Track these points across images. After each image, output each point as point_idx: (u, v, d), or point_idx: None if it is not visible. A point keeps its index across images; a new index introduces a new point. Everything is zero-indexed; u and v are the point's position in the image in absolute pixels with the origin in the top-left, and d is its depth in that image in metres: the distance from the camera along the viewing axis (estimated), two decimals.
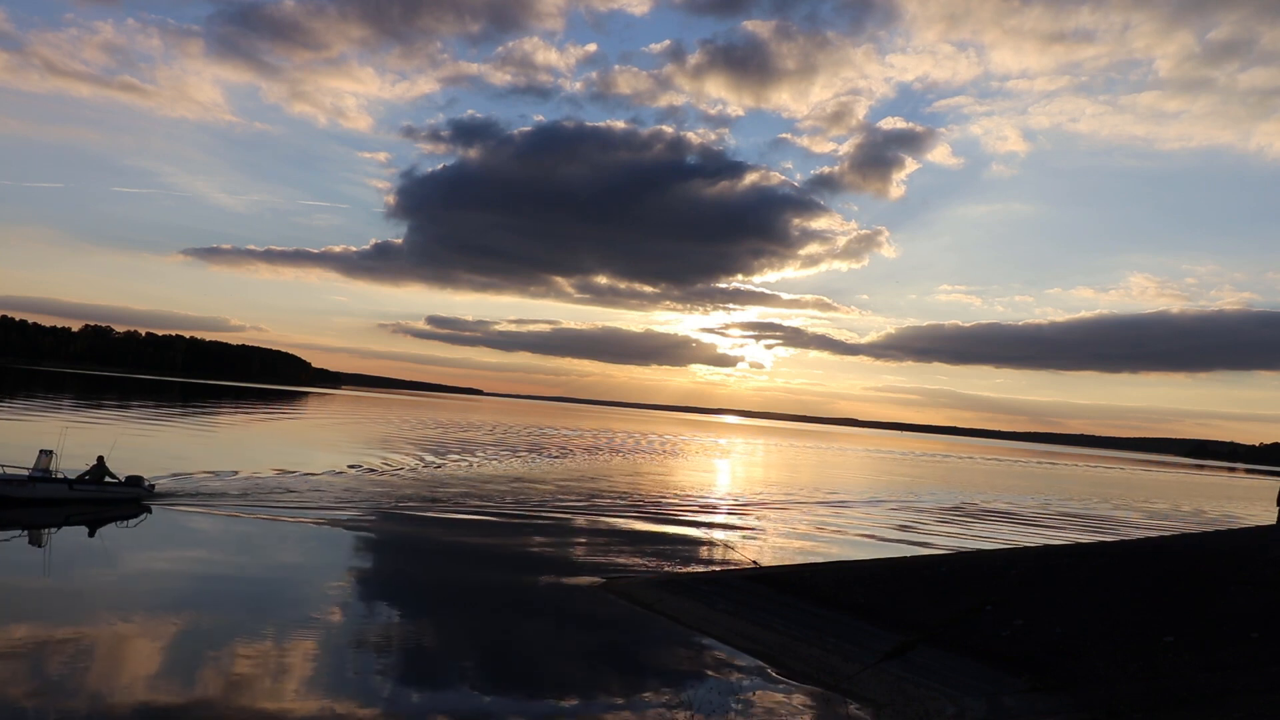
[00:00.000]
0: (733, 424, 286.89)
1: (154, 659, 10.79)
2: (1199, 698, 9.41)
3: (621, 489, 36.26)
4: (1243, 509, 56.99)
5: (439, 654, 12.05)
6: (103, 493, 21.97)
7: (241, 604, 13.80)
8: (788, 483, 48.17)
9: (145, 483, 22.83)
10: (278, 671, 10.57)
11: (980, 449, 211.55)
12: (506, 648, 12.50)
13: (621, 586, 16.67)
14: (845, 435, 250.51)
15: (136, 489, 22.50)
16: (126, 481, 22.52)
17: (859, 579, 16.33)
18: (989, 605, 13.89)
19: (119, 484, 22.38)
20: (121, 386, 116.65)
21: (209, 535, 19.59)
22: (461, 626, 13.64)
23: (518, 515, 25.65)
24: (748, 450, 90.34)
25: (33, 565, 16.03)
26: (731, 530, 26.57)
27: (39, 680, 9.70)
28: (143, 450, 34.68)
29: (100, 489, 21.99)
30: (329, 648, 11.79)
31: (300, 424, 68.88)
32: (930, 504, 40.62)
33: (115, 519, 20.36)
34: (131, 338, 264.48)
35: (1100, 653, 11.34)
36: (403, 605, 14.62)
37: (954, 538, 28.58)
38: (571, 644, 13.00)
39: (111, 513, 20.91)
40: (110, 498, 21.96)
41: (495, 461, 45.17)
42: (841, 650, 12.44)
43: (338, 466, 35.46)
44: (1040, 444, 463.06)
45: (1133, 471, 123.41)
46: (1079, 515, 41.75)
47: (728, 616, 14.40)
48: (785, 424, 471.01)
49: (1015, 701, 10.11)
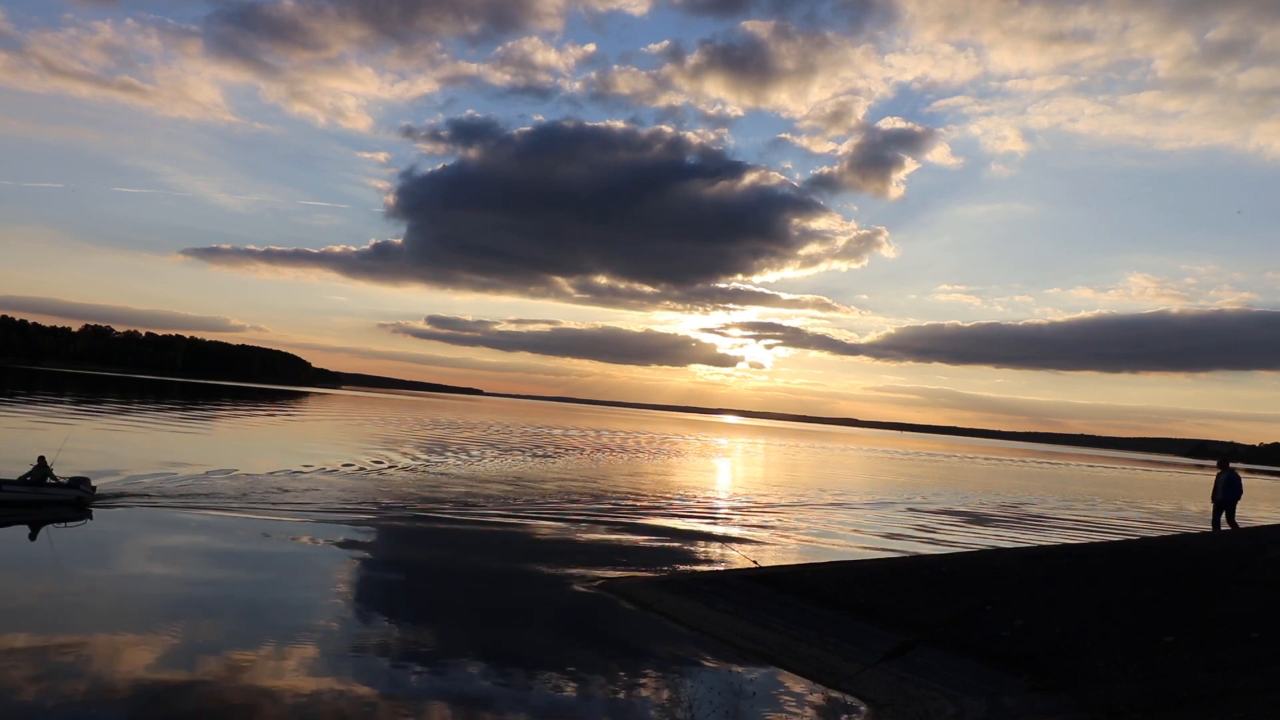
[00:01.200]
0: (733, 424, 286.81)
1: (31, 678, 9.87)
2: (1199, 698, 9.41)
3: (622, 489, 36.26)
4: (1242, 509, 56.93)
5: (436, 652, 12.02)
6: (38, 495, 20.58)
7: (167, 613, 12.89)
8: (788, 483, 48.18)
9: (87, 484, 21.49)
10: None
11: (980, 449, 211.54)
12: (505, 646, 12.49)
13: (621, 586, 16.66)
14: (845, 435, 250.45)
15: (76, 490, 21.09)
16: (69, 483, 21.20)
17: (859, 579, 16.32)
18: (989, 605, 13.89)
19: (59, 486, 21.03)
20: (120, 386, 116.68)
21: (150, 541, 18.52)
22: (458, 625, 13.63)
23: (517, 515, 25.63)
24: (748, 450, 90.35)
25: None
26: (732, 530, 26.57)
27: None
28: (106, 450, 34.56)
29: (35, 491, 20.61)
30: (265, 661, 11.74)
31: (289, 424, 68.88)
32: (931, 504, 40.63)
33: (47, 522, 19.23)
34: (131, 338, 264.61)
35: (1100, 653, 11.34)
36: (392, 608, 14.61)
37: (954, 538, 28.59)
38: (571, 643, 13.00)
39: (42, 516, 19.67)
40: (46, 500, 20.57)
41: (494, 461, 45.17)
42: (841, 650, 12.44)
43: (311, 465, 35.35)
44: (1040, 444, 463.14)
45: (1133, 471, 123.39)
46: (1079, 515, 41.75)
47: (728, 616, 14.39)
48: (785, 424, 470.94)
49: (1015, 701, 10.11)
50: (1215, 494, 21.11)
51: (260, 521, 21.05)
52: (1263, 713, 8.69)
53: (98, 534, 18.96)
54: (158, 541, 18.51)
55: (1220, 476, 20.91)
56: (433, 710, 9.81)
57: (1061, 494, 56.94)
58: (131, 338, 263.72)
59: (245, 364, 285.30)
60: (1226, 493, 20.77)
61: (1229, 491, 20.77)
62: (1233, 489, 20.81)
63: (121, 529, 19.55)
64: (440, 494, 29.06)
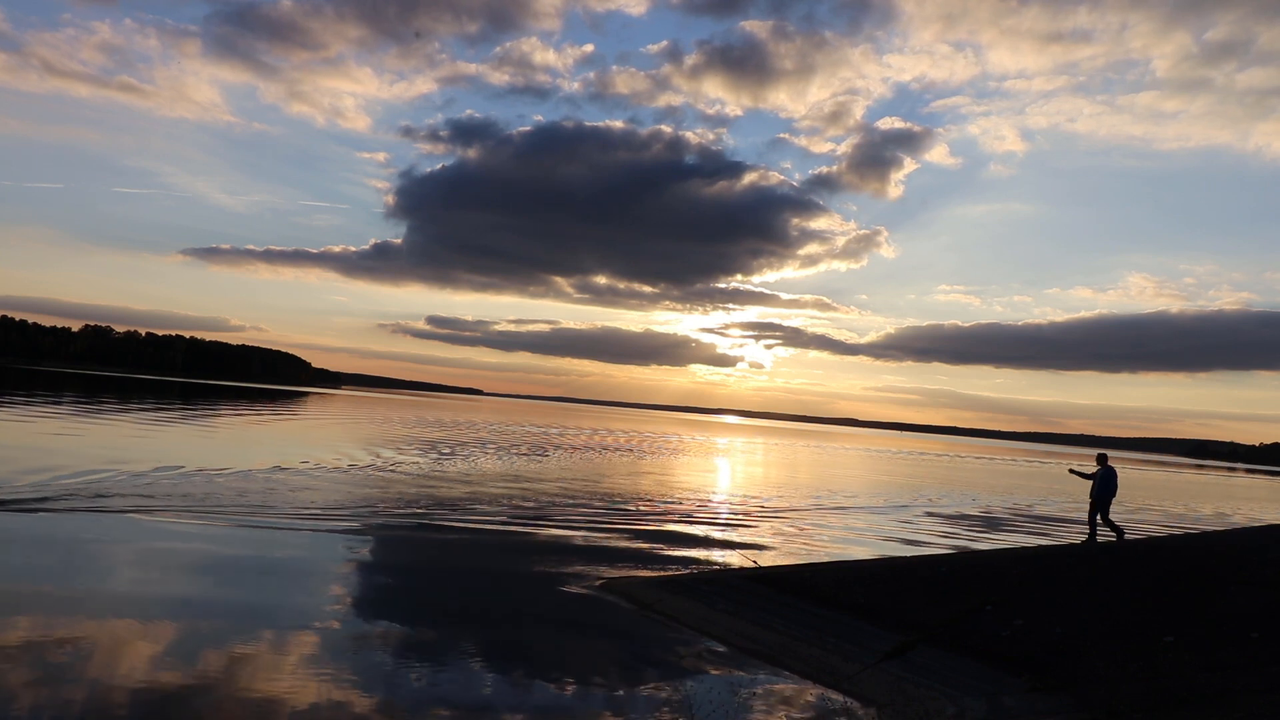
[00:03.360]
0: (733, 424, 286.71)
1: None
2: (1199, 698, 9.39)
3: (622, 489, 36.23)
4: (1242, 509, 56.96)
5: (433, 651, 12.00)
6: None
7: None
8: (788, 482, 48.15)
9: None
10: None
11: (981, 449, 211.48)
12: (504, 645, 12.47)
13: (621, 586, 16.65)
14: (845, 435, 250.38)
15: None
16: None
17: (859, 579, 16.31)
18: (989, 605, 13.88)
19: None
20: (118, 386, 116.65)
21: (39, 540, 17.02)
22: (453, 624, 13.61)
23: (515, 514, 25.59)
24: (748, 450, 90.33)
25: None
26: (732, 530, 26.55)
27: None
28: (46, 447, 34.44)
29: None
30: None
31: (281, 423, 68.83)
32: (931, 504, 40.61)
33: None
34: (131, 338, 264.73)
35: (1100, 653, 11.33)
36: (387, 609, 14.58)
37: (955, 538, 28.58)
38: (570, 643, 12.99)
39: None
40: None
41: (492, 460, 45.15)
42: (841, 650, 12.43)
43: (282, 462, 35.26)
44: (1040, 444, 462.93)
45: (1133, 471, 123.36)
46: (1079, 514, 41.73)
47: (728, 616, 14.38)
48: (785, 424, 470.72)
49: (1015, 701, 10.10)
50: (1092, 491, 20.54)
51: (212, 528, 21.00)
52: (1263, 713, 8.68)
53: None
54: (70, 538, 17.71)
55: (1097, 473, 20.38)
56: (428, 711, 9.79)
57: (1062, 494, 56.91)
58: (131, 338, 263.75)
59: (245, 364, 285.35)
60: (1101, 490, 20.21)
61: (1104, 488, 20.21)
62: (1107, 486, 20.16)
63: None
64: (438, 494, 29.03)
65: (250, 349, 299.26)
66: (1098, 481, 20.07)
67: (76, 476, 25.45)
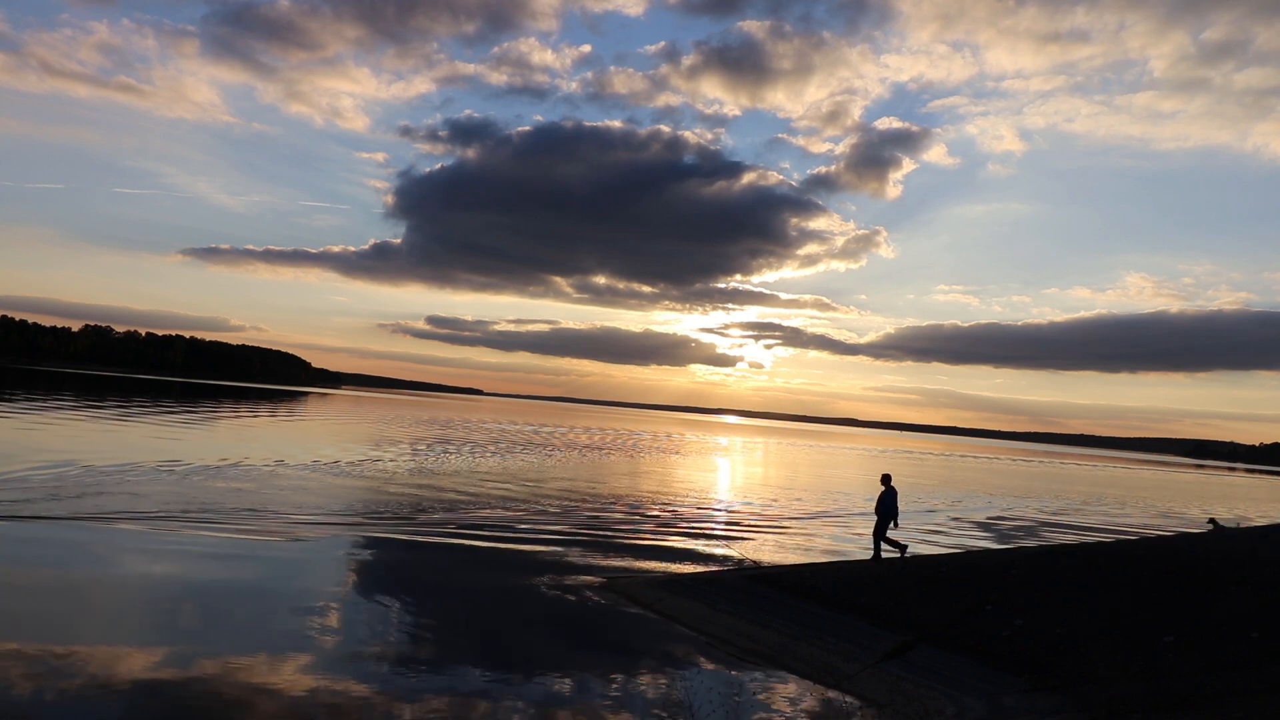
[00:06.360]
0: (732, 424, 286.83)
1: None
2: (1199, 697, 9.41)
3: (622, 488, 36.25)
4: (1242, 509, 56.94)
5: (434, 648, 12.01)
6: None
7: None
8: (788, 482, 48.17)
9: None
10: None
11: (980, 449, 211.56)
12: (504, 643, 12.49)
13: (622, 586, 16.67)
14: (845, 435, 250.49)
15: None
16: None
17: (859, 578, 16.33)
18: (989, 605, 13.89)
19: None
20: (117, 386, 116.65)
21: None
22: (457, 622, 13.62)
23: (515, 514, 25.61)
24: (748, 450, 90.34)
25: None
26: (732, 530, 26.57)
27: None
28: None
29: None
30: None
31: (277, 422, 68.78)
32: (931, 504, 40.62)
33: None
34: (131, 338, 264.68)
35: (1100, 652, 11.34)
36: (383, 613, 14.57)
37: (955, 538, 28.59)
38: (570, 641, 13.00)
39: None
40: None
41: (492, 460, 45.16)
42: (841, 650, 12.45)
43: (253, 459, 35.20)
44: (1040, 444, 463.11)
45: (1133, 471, 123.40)
46: (1080, 515, 41.74)
47: (728, 616, 14.40)
48: (785, 424, 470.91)
49: (1015, 701, 10.11)
50: (876, 509, 19.39)
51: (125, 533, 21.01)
52: (1263, 712, 8.69)
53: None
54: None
55: (881, 495, 19.28)
56: (431, 706, 9.80)
57: (1062, 494, 56.93)
58: (131, 338, 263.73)
59: (245, 364, 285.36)
60: (880, 511, 19.15)
61: (881, 510, 19.10)
62: (885, 508, 19.11)
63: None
64: (435, 493, 29.05)
65: (250, 349, 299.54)
66: (878, 503, 19.29)
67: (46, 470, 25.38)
